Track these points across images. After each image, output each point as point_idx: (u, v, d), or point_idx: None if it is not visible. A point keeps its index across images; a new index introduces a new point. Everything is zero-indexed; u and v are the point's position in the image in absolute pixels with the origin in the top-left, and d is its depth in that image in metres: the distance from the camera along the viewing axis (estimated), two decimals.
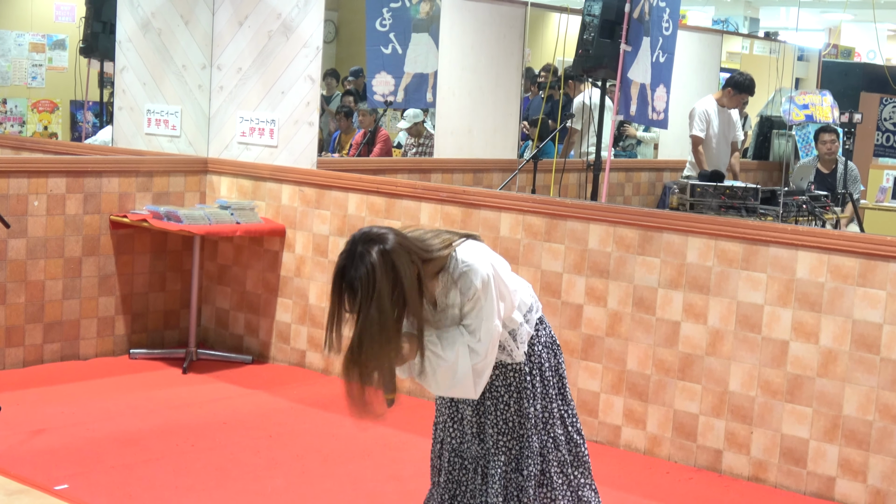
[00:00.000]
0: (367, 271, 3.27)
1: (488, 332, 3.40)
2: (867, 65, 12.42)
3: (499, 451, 3.60)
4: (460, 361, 3.40)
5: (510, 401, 3.59)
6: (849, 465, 5.30)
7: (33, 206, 6.76)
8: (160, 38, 7.68)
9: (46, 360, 6.91)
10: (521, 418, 3.58)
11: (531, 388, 3.61)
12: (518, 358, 3.57)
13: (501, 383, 3.60)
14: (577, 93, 9.74)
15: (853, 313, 5.26)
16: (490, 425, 3.60)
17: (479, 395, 3.50)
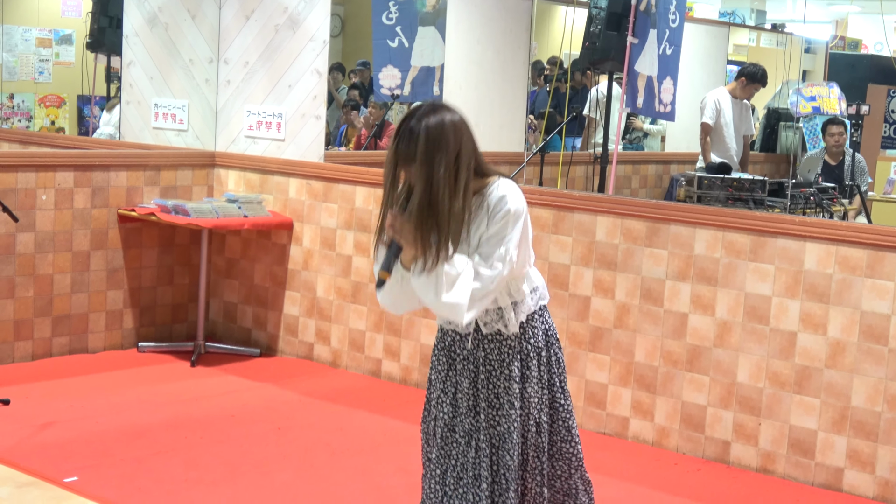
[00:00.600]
0: (442, 123, 3.35)
1: (500, 259, 3.38)
2: (874, 56, 12.39)
3: (489, 425, 3.58)
4: (464, 276, 3.35)
5: (502, 375, 3.57)
6: (857, 457, 5.30)
7: (41, 201, 6.77)
8: (167, 32, 7.69)
9: (55, 354, 6.93)
10: (509, 396, 3.56)
11: (525, 366, 3.60)
12: (512, 329, 3.55)
13: (496, 357, 3.58)
14: (593, 84, 9.74)
15: (861, 304, 5.26)
16: (483, 398, 3.58)
17: (466, 326, 3.46)
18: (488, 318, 3.56)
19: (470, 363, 3.61)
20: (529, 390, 3.61)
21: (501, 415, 3.58)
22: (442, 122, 3.35)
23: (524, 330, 3.61)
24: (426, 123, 3.34)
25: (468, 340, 3.59)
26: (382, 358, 6.88)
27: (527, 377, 3.61)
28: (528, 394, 3.61)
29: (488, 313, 3.55)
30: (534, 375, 3.62)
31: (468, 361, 3.61)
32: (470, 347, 3.60)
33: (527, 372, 3.61)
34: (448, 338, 3.64)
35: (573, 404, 3.78)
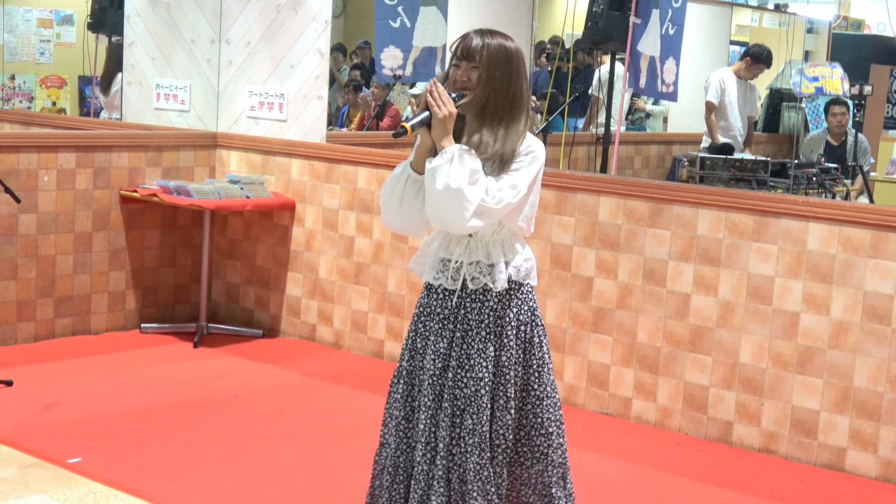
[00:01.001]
0: (517, 49, 3.51)
1: (512, 187, 3.43)
2: (877, 37, 12.35)
3: (456, 385, 3.55)
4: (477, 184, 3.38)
5: (478, 336, 3.54)
6: (859, 437, 5.31)
7: (43, 181, 6.76)
8: (168, 12, 7.67)
9: (58, 335, 6.94)
10: (482, 358, 3.54)
11: (503, 333, 3.57)
12: (500, 285, 3.54)
13: (475, 316, 3.56)
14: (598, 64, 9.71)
15: (864, 285, 5.26)
16: (454, 357, 3.56)
17: (465, 227, 3.43)
18: (477, 271, 3.55)
19: (450, 323, 3.59)
20: (504, 359, 3.58)
21: (470, 376, 3.54)
22: (517, 49, 3.53)
23: (510, 297, 3.59)
24: (501, 40, 3.50)
25: (453, 297, 3.57)
26: (385, 339, 6.88)
27: (504, 345, 3.58)
28: (503, 362, 3.58)
29: (478, 266, 3.55)
30: (511, 345, 3.58)
31: (448, 321, 3.59)
32: (454, 305, 3.57)
33: (505, 340, 3.58)
34: (433, 299, 3.62)
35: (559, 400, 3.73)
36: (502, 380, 3.58)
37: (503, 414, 3.58)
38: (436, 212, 3.44)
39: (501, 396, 3.58)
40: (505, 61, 3.48)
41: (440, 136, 3.42)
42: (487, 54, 3.46)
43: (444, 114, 3.40)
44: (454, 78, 3.50)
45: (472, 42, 3.48)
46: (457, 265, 3.57)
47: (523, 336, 3.62)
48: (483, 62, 3.46)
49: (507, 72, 3.48)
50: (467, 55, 3.48)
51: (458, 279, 3.57)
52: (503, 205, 3.42)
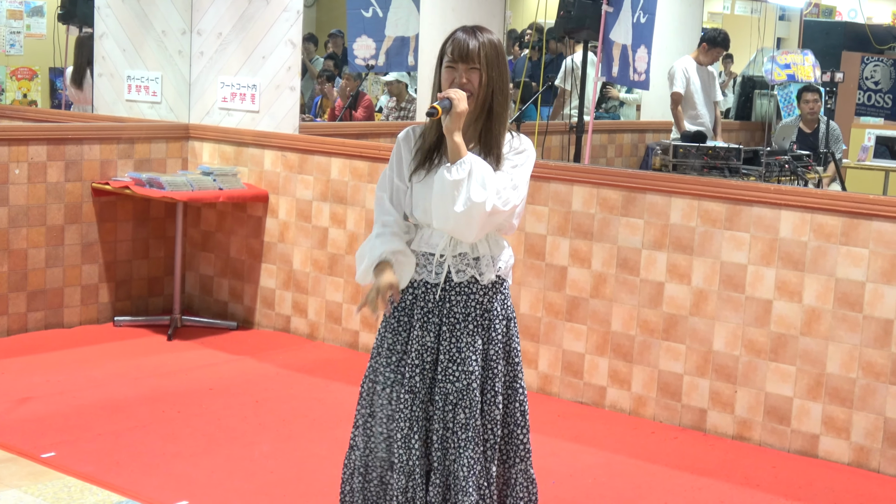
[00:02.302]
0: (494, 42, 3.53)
1: (514, 188, 3.48)
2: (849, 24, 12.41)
3: (447, 380, 3.54)
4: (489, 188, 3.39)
5: (465, 330, 3.55)
6: (832, 423, 5.34)
7: (14, 175, 6.72)
8: (139, 3, 7.63)
9: (30, 329, 6.90)
10: (471, 351, 3.54)
11: (490, 327, 3.58)
12: (488, 277, 3.56)
13: (461, 310, 3.56)
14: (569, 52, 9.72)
15: (836, 272, 5.28)
16: (443, 352, 3.55)
17: (474, 239, 3.48)
18: (463, 264, 3.56)
19: (434, 316, 3.58)
20: (492, 353, 3.59)
21: (461, 370, 3.54)
22: (500, 42, 3.55)
23: (494, 291, 3.61)
24: (490, 36, 3.52)
25: (437, 290, 3.57)
26: (359, 330, 6.88)
27: (492, 338, 3.59)
28: (490, 356, 3.59)
29: (464, 258, 3.56)
30: (499, 339, 3.60)
31: (432, 314, 3.58)
32: (437, 298, 3.57)
33: (492, 334, 3.59)
34: (410, 293, 3.61)
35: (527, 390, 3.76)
36: (490, 374, 3.59)
37: (491, 408, 3.59)
38: (451, 224, 3.44)
39: (489, 391, 3.59)
40: (497, 58, 3.51)
41: (453, 130, 3.42)
42: (485, 55, 3.48)
43: (462, 109, 3.41)
44: (451, 79, 3.50)
45: (468, 43, 3.48)
46: (441, 259, 3.57)
47: (507, 331, 3.64)
48: (482, 63, 3.48)
49: (501, 68, 3.51)
50: (465, 57, 3.48)
51: (441, 273, 3.57)
52: (510, 206, 3.46)
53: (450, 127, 3.42)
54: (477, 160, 3.42)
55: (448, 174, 3.41)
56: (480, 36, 3.49)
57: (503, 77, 3.52)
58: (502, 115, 3.53)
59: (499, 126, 3.53)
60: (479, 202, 3.37)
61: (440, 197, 3.44)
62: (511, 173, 3.50)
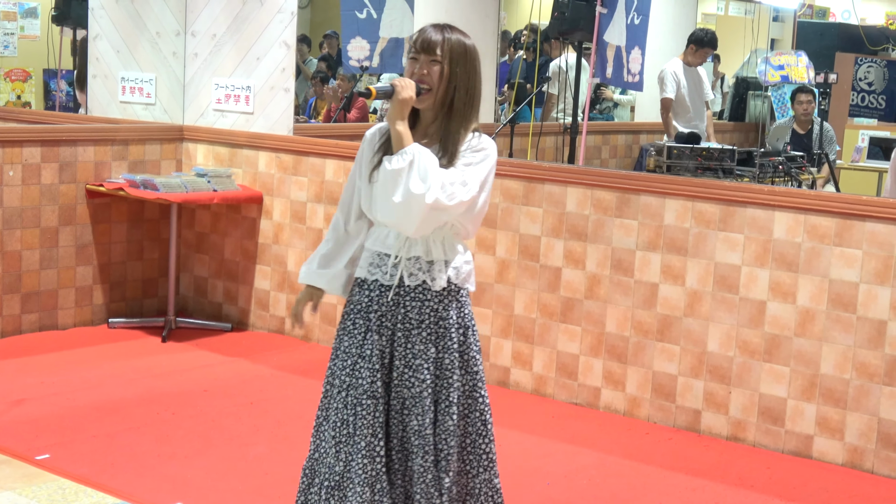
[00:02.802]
0: (473, 46, 3.51)
1: (463, 184, 3.37)
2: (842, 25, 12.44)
3: (401, 385, 3.47)
4: (431, 180, 3.30)
5: (419, 336, 3.46)
6: (826, 424, 5.35)
7: (8, 177, 6.72)
8: (133, 4, 7.63)
9: (25, 331, 6.90)
10: (424, 358, 3.46)
11: (445, 335, 3.49)
12: (439, 284, 3.47)
13: (416, 315, 3.47)
14: (556, 55, 9.73)
15: (830, 273, 5.29)
16: (398, 357, 3.48)
17: (415, 233, 3.39)
18: (416, 268, 3.47)
19: (388, 320, 3.49)
20: (447, 362, 3.50)
21: (415, 377, 3.46)
22: (474, 46, 3.51)
23: (450, 299, 3.51)
24: (460, 35, 3.48)
25: (390, 293, 3.47)
26: None
27: (446, 347, 3.50)
28: (445, 365, 3.50)
29: (418, 262, 3.47)
30: (454, 349, 3.51)
31: (386, 318, 3.49)
32: (390, 301, 3.48)
33: (447, 342, 3.50)
34: (366, 296, 3.52)
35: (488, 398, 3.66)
36: (444, 383, 3.50)
37: (445, 419, 3.49)
38: (392, 216, 3.38)
39: (444, 400, 3.50)
40: (464, 57, 3.45)
41: (394, 118, 3.36)
42: (449, 49, 3.43)
43: (404, 96, 3.35)
44: (411, 71, 3.45)
45: (432, 36, 3.44)
46: (395, 260, 3.48)
47: (465, 340, 3.55)
48: (444, 57, 3.43)
49: (467, 68, 3.45)
50: (427, 48, 3.43)
51: (395, 275, 3.48)
52: (456, 202, 3.35)
53: (391, 115, 3.36)
54: (422, 151, 3.33)
55: (388, 164, 3.34)
56: (448, 32, 3.45)
57: (469, 76, 3.45)
58: (463, 113, 3.44)
59: (458, 124, 3.44)
60: (417, 193, 3.28)
61: (382, 187, 3.37)
62: (464, 170, 3.40)
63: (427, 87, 3.43)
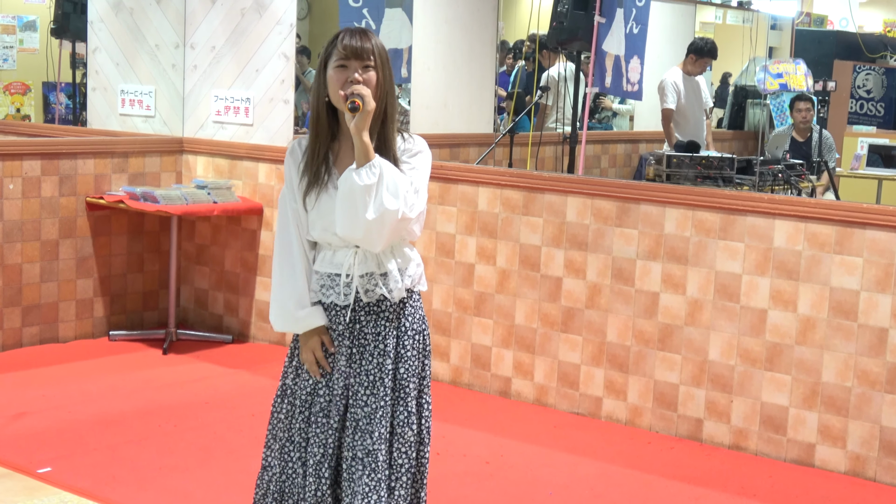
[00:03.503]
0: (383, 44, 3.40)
1: (416, 192, 3.31)
2: (840, 32, 12.46)
3: (356, 404, 3.38)
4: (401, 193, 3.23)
5: (376, 350, 3.39)
6: (828, 432, 5.34)
7: (8, 190, 6.72)
8: (132, 17, 7.64)
9: (25, 344, 6.89)
10: (381, 373, 3.38)
11: (400, 344, 3.43)
12: (398, 295, 3.39)
13: (372, 330, 3.40)
14: (547, 65, 9.73)
15: (830, 280, 5.29)
16: (353, 375, 3.40)
17: (381, 248, 3.30)
18: (371, 283, 3.37)
19: (346, 339, 3.41)
20: (403, 371, 3.42)
21: (370, 394, 3.38)
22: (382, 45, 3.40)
23: (404, 305, 3.44)
24: (378, 39, 3.37)
25: (347, 313, 3.39)
26: None
27: (402, 356, 3.42)
28: (401, 375, 3.42)
29: (372, 278, 3.37)
30: (410, 356, 3.44)
31: (343, 337, 3.41)
32: (347, 321, 3.40)
33: (402, 351, 3.43)
34: (330, 317, 3.43)
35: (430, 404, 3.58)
36: (402, 394, 3.42)
37: (404, 430, 3.42)
38: (359, 232, 3.27)
39: (402, 412, 3.42)
40: (387, 61, 3.38)
41: (362, 129, 3.24)
42: (379, 54, 3.34)
43: (371, 107, 3.25)
44: (343, 79, 3.29)
45: (362, 43, 3.31)
46: (347, 279, 3.38)
47: (419, 346, 3.48)
48: (378, 63, 3.33)
49: (389, 71, 3.37)
50: (359, 54, 3.30)
51: (349, 294, 3.40)
52: (416, 212, 3.29)
53: (359, 125, 3.23)
54: (386, 164, 3.25)
55: (358, 178, 3.22)
56: (372, 37, 3.33)
57: (391, 80, 3.37)
58: (394, 116, 3.38)
59: (391, 128, 3.36)
60: (392, 209, 3.21)
61: (348, 203, 3.24)
62: (412, 177, 3.33)
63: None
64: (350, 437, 3.40)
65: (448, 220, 6.42)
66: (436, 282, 6.47)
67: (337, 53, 3.32)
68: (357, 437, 3.39)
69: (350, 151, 3.35)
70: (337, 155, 3.42)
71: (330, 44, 3.35)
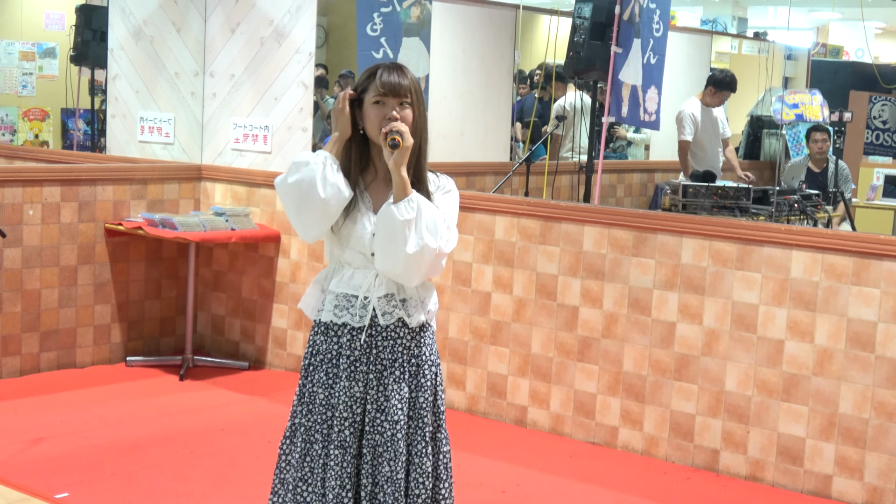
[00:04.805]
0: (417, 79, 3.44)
1: (448, 229, 3.36)
2: (856, 63, 12.48)
3: (374, 430, 3.38)
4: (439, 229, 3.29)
5: (392, 376, 3.39)
6: (845, 463, 5.33)
7: (28, 215, 6.76)
8: (152, 45, 7.70)
9: (43, 369, 6.92)
10: (398, 399, 3.38)
11: (419, 372, 3.43)
12: (416, 320, 3.41)
13: (388, 356, 3.41)
14: (557, 96, 9.76)
15: (848, 312, 5.29)
16: (370, 401, 3.39)
17: (417, 283, 3.35)
18: (390, 305, 3.39)
19: (361, 364, 3.40)
20: (421, 401, 3.42)
21: (387, 420, 3.37)
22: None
23: (423, 335, 3.46)
24: (412, 74, 3.40)
25: (362, 335, 3.39)
26: None
27: (420, 385, 3.43)
28: (419, 404, 3.42)
29: (391, 299, 3.39)
30: (427, 386, 3.44)
31: (359, 363, 3.40)
32: (363, 344, 3.40)
33: (422, 380, 3.43)
34: (335, 342, 3.43)
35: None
36: (419, 423, 3.42)
37: (421, 460, 3.41)
38: (399, 267, 3.30)
39: (419, 441, 3.42)
40: (421, 96, 3.42)
41: (401, 165, 3.29)
42: (415, 91, 3.38)
43: (410, 143, 3.30)
44: (382, 115, 3.34)
45: (400, 80, 3.36)
46: (365, 301, 3.40)
47: (435, 377, 3.49)
48: (413, 99, 3.37)
49: (423, 108, 3.41)
50: (396, 92, 3.35)
51: (365, 315, 3.40)
52: (450, 248, 3.36)
53: (398, 161, 3.28)
54: (422, 199, 3.31)
55: (398, 213, 3.26)
56: (408, 73, 3.38)
57: (425, 116, 3.43)
58: (426, 153, 3.43)
59: (425, 164, 3.42)
60: (431, 244, 3.26)
61: (388, 238, 3.28)
62: (444, 214, 3.38)
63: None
64: (369, 464, 3.40)
65: (465, 249, 6.44)
66: (452, 310, 6.49)
67: (374, 90, 3.36)
68: (376, 463, 3.39)
69: (381, 183, 3.42)
70: (369, 185, 3.46)
71: (367, 78, 3.39)
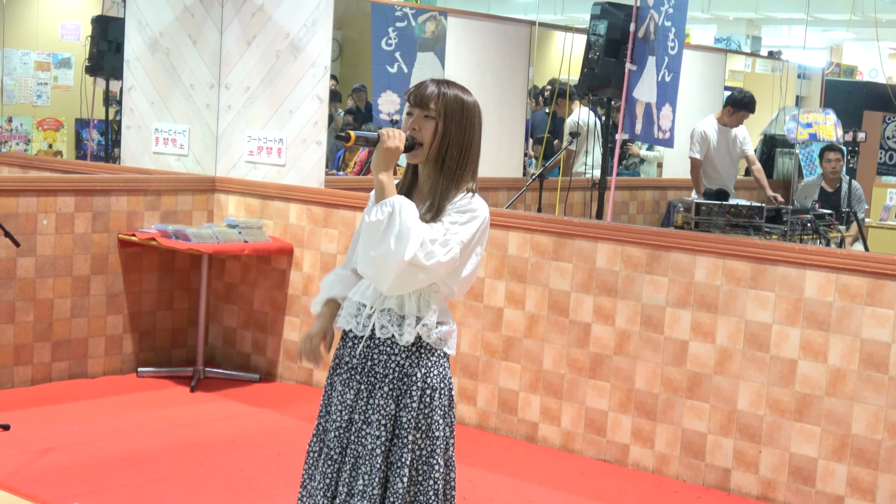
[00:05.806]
0: (473, 101, 3.42)
1: (443, 244, 3.26)
2: (870, 83, 12.48)
3: (357, 441, 3.38)
4: (412, 237, 3.19)
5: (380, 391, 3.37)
6: (857, 484, 5.31)
7: (42, 225, 6.78)
8: (168, 57, 7.72)
9: (55, 379, 6.93)
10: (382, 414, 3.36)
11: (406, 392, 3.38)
12: (406, 339, 3.35)
13: (381, 370, 3.40)
14: (569, 112, 9.77)
15: (861, 332, 5.28)
16: (357, 410, 3.39)
17: (389, 291, 3.29)
18: (386, 320, 3.38)
19: (357, 373, 3.42)
20: (404, 420, 3.37)
21: (368, 433, 3.37)
22: (474, 102, 3.41)
23: (420, 356, 3.40)
24: (458, 92, 3.38)
25: (359, 345, 3.41)
26: None
27: (406, 405, 3.38)
28: (402, 423, 3.37)
29: (390, 315, 3.38)
30: (413, 407, 3.37)
31: (356, 371, 3.43)
32: (360, 354, 3.41)
33: (407, 400, 3.38)
34: (346, 349, 3.47)
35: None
36: (399, 443, 3.37)
37: (395, 480, 3.36)
38: (369, 269, 3.29)
39: (396, 461, 3.37)
40: (461, 114, 3.36)
41: (378, 167, 3.28)
42: (444, 104, 3.34)
43: (390, 145, 3.27)
44: (406, 126, 3.36)
45: (428, 90, 3.35)
46: (370, 311, 3.41)
47: (429, 401, 3.41)
48: (439, 112, 3.34)
49: (462, 125, 3.36)
50: (421, 102, 3.35)
51: (367, 325, 3.41)
52: (433, 262, 3.22)
53: (375, 163, 3.28)
54: (405, 204, 3.24)
55: (367, 215, 3.27)
56: (446, 87, 3.35)
57: (465, 134, 3.36)
58: (454, 171, 3.34)
59: (447, 181, 3.34)
60: (395, 251, 3.18)
61: (363, 239, 3.28)
62: (447, 229, 3.28)
63: (419, 143, 3.36)
64: (347, 473, 3.41)
65: None
66: (464, 325, 6.48)
67: (406, 100, 3.42)
68: (354, 475, 3.40)
69: (420, 191, 3.43)
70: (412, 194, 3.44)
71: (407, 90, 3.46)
